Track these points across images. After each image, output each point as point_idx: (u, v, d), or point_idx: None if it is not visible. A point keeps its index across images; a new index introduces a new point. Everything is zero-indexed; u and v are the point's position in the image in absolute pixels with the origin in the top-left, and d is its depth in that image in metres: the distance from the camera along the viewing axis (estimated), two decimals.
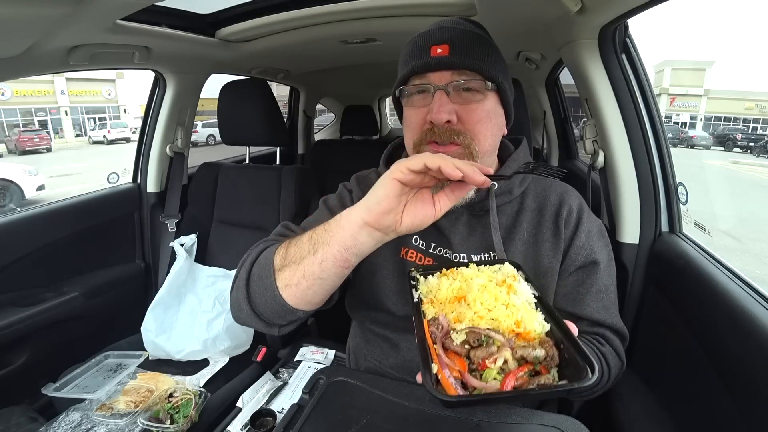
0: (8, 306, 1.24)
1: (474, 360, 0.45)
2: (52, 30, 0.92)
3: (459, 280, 0.57)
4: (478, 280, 0.55)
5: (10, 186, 6.80)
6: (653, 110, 1.01)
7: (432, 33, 0.70)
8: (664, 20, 78.17)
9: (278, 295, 0.61)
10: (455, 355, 0.46)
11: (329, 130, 3.62)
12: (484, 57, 0.69)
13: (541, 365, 0.45)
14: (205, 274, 1.44)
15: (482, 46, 0.70)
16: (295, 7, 1.25)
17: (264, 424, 0.94)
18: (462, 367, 0.45)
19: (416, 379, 0.49)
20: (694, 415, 0.74)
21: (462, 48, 0.68)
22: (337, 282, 0.61)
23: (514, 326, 0.48)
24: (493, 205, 0.74)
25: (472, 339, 0.46)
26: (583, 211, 0.77)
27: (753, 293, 0.68)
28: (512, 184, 0.78)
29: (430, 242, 0.78)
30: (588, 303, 0.74)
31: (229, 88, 1.50)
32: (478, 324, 0.48)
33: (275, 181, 1.48)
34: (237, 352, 1.33)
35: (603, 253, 0.77)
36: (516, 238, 0.75)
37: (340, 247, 0.56)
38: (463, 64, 0.68)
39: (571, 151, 2.06)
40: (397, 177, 0.52)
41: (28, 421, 1.08)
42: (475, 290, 0.53)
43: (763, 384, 0.58)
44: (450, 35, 0.69)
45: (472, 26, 0.75)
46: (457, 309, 0.52)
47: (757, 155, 13.65)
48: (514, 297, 0.52)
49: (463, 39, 0.69)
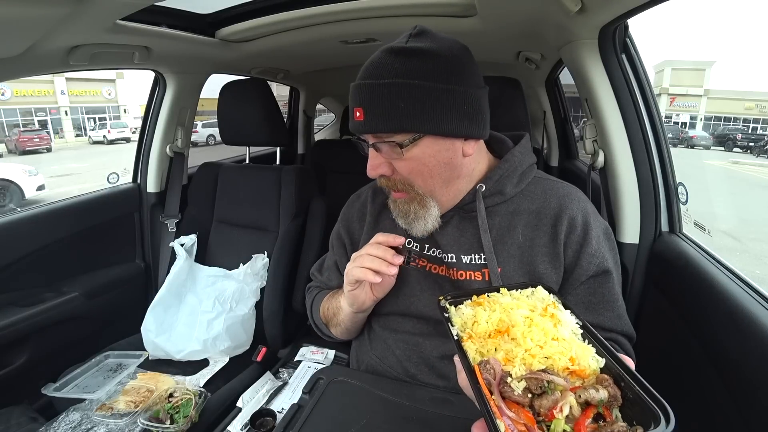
0: (8, 306, 1.24)
1: (539, 410, 0.41)
2: (52, 30, 0.91)
3: (498, 311, 0.53)
4: (520, 311, 0.51)
5: (10, 186, 6.81)
6: (653, 110, 1.01)
7: (354, 93, 0.70)
8: (664, 20, 78.22)
9: (333, 335, 0.93)
10: (517, 406, 0.42)
11: (329, 130, 3.62)
12: (398, 113, 0.65)
13: (604, 407, 0.42)
14: (205, 274, 1.44)
15: (398, 99, 0.64)
16: (295, 7, 1.25)
17: (264, 424, 0.94)
18: (529, 421, 0.40)
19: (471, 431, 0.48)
20: (694, 415, 0.74)
21: (373, 110, 0.66)
22: (361, 322, 0.88)
23: (569, 363, 0.45)
24: (480, 206, 0.74)
25: (534, 386, 0.42)
26: (589, 216, 0.75)
27: (753, 293, 0.68)
28: (503, 184, 0.76)
29: (424, 244, 0.81)
30: (602, 313, 0.73)
31: (229, 88, 1.50)
32: (531, 363, 0.45)
33: (275, 181, 1.48)
34: (237, 352, 1.33)
35: (611, 257, 0.76)
36: (509, 242, 0.74)
37: (346, 319, 0.85)
38: (375, 128, 0.68)
39: (571, 151, 2.06)
40: (347, 289, 0.77)
41: (28, 421, 1.08)
42: (521, 324, 0.49)
43: (762, 383, 0.58)
44: (363, 96, 0.67)
45: (395, 69, 0.65)
46: (501, 345, 0.48)
47: (757, 155, 13.65)
48: (561, 329, 0.49)
49: (374, 99, 0.66)
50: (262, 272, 1.40)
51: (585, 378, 0.44)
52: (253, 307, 1.38)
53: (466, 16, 1.16)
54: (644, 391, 0.41)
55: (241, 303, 1.37)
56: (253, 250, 1.43)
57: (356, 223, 0.90)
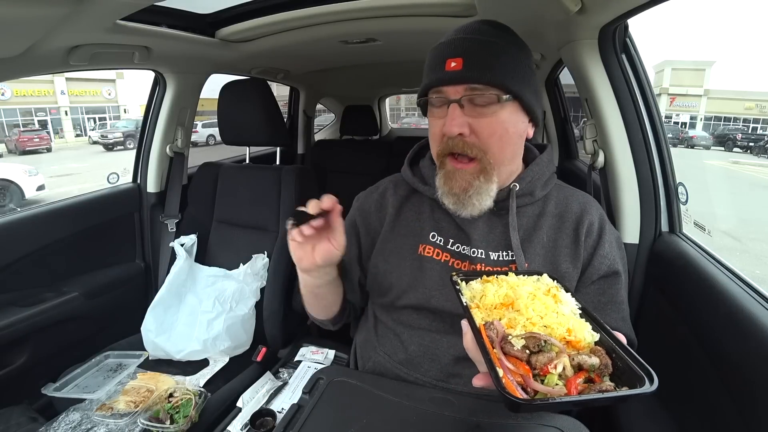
0: (8, 306, 1.24)
1: (535, 365, 0.46)
2: (52, 30, 0.91)
3: (505, 287, 0.58)
4: (525, 288, 0.56)
5: (10, 186, 6.81)
6: (653, 110, 1.01)
7: (448, 45, 0.71)
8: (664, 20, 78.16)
9: (308, 311, 0.90)
10: (516, 360, 0.47)
11: (329, 130, 3.62)
12: (500, 68, 0.69)
13: (595, 373, 0.46)
14: (205, 274, 1.44)
15: (499, 56, 0.69)
16: (295, 7, 1.25)
17: (264, 424, 0.94)
18: (526, 371, 0.45)
19: (472, 383, 0.51)
20: (694, 415, 0.74)
21: (475, 61, 0.68)
22: (328, 296, 0.83)
23: (566, 334, 0.49)
24: (513, 205, 0.76)
25: (532, 344, 0.47)
26: (605, 222, 0.79)
27: (753, 293, 0.68)
28: (534, 186, 0.79)
29: (448, 238, 0.80)
30: (609, 313, 0.75)
31: (229, 88, 1.50)
32: (531, 330, 0.50)
33: (275, 181, 1.48)
34: (237, 352, 1.33)
35: (621, 264, 0.78)
36: (535, 241, 0.76)
37: (304, 288, 0.81)
38: (475, 78, 0.68)
39: (571, 151, 2.06)
40: (292, 246, 0.70)
41: (28, 421, 1.08)
42: (525, 297, 0.54)
43: (762, 384, 0.58)
44: (465, 47, 0.69)
45: (492, 33, 0.73)
46: (506, 315, 0.53)
47: (757, 155, 13.64)
48: (561, 306, 0.54)
49: (477, 51, 0.69)
50: (262, 272, 1.40)
51: (580, 350, 0.49)
52: (253, 307, 1.38)
53: (466, 16, 1.16)
54: (633, 361, 0.45)
55: (241, 303, 1.37)
56: (253, 250, 1.43)
57: (373, 215, 0.88)
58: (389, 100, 4.13)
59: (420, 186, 0.84)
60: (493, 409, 0.63)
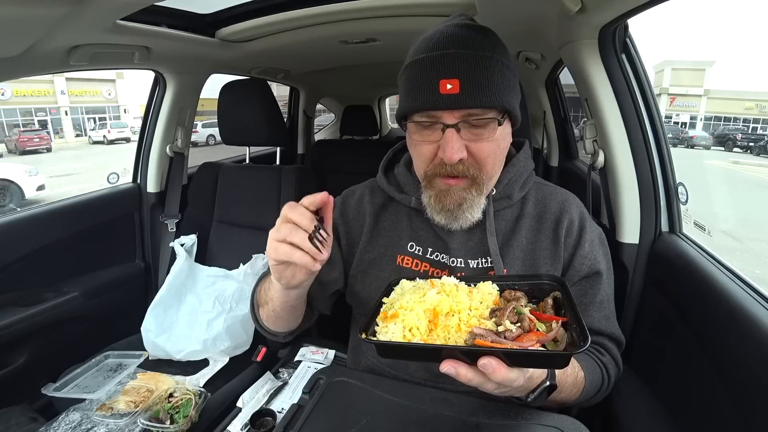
0: (8, 306, 1.24)
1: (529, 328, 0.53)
2: (52, 30, 0.91)
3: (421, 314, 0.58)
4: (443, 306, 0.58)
5: (10, 186, 6.82)
6: (653, 110, 1.01)
7: (441, 63, 0.63)
8: (664, 20, 78.18)
9: (263, 324, 0.83)
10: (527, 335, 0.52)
11: (329, 130, 3.62)
12: (496, 88, 0.63)
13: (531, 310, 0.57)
14: (205, 274, 1.44)
15: (494, 73, 0.63)
16: (295, 7, 1.25)
17: (264, 424, 0.94)
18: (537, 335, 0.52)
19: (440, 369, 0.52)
20: (694, 415, 0.74)
21: (473, 82, 0.62)
22: (302, 305, 0.78)
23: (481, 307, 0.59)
24: (490, 210, 0.75)
25: (513, 318, 0.55)
26: (585, 220, 0.77)
27: (753, 293, 0.68)
28: (512, 189, 0.77)
29: (427, 247, 0.78)
30: (591, 313, 0.75)
31: (229, 88, 1.50)
32: (468, 321, 0.57)
33: (275, 181, 1.48)
34: (237, 352, 1.33)
35: (604, 261, 0.77)
36: (514, 245, 0.75)
37: (279, 301, 0.72)
38: (475, 103, 0.63)
39: (571, 151, 2.06)
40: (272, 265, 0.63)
41: (28, 421, 1.08)
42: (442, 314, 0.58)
43: (762, 383, 0.58)
44: (459, 66, 0.62)
45: (480, 42, 0.65)
46: (439, 325, 0.57)
47: (757, 155, 13.64)
48: (475, 294, 0.61)
49: (474, 70, 0.62)
50: (262, 272, 1.40)
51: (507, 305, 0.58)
52: None
53: None
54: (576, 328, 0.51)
55: (241, 303, 1.37)
56: (253, 250, 1.43)
57: (352, 222, 0.85)
58: (389, 100, 4.13)
59: (396, 195, 0.81)
60: (493, 409, 0.63)
